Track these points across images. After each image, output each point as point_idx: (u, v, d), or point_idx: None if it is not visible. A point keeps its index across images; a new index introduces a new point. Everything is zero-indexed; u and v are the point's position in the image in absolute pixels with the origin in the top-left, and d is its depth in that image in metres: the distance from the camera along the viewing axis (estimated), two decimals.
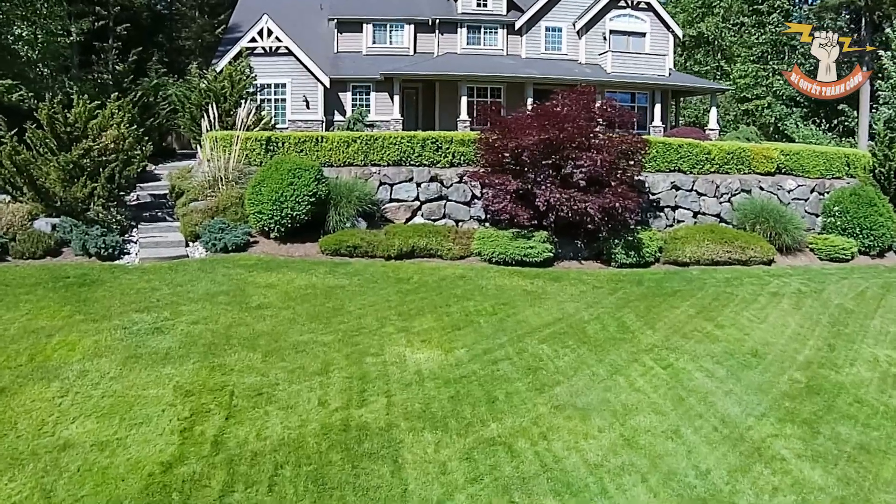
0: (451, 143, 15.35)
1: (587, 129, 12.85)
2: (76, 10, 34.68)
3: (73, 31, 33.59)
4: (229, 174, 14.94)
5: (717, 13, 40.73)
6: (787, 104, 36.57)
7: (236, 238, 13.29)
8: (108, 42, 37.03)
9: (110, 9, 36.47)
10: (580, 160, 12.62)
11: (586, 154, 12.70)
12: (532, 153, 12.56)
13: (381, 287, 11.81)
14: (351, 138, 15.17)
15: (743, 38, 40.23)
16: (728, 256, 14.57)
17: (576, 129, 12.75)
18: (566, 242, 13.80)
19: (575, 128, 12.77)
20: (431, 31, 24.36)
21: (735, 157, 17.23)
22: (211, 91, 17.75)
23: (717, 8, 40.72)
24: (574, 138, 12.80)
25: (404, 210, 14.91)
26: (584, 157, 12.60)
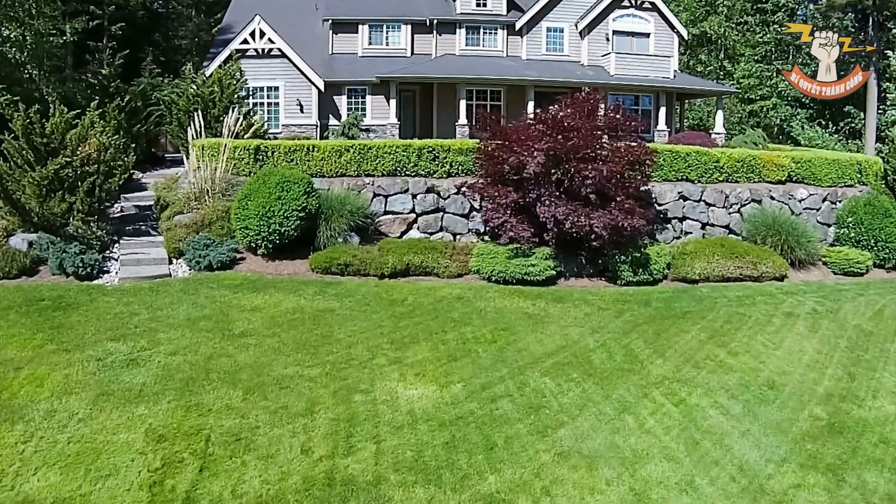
0: (449, 152, 14.66)
1: (592, 140, 12.16)
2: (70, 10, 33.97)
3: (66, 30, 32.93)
4: (216, 185, 14.26)
5: (720, 12, 39.92)
6: (791, 105, 35.83)
7: (222, 255, 12.62)
8: (103, 42, 36.38)
9: (105, 8, 35.71)
10: (585, 172, 11.94)
11: (591, 166, 12.01)
12: (536, 167, 11.88)
13: (373, 310, 11.15)
14: (343, 147, 14.48)
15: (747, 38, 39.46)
16: (739, 273, 13.91)
17: (580, 139, 12.07)
18: (569, 258, 13.14)
19: (579, 138, 12.09)
20: (429, 32, 23.60)
21: (745, 166, 16.54)
22: (199, 97, 17.04)
23: (720, 7, 39.90)
24: (578, 150, 12.12)
25: (399, 223, 14.23)
26: (588, 169, 11.92)
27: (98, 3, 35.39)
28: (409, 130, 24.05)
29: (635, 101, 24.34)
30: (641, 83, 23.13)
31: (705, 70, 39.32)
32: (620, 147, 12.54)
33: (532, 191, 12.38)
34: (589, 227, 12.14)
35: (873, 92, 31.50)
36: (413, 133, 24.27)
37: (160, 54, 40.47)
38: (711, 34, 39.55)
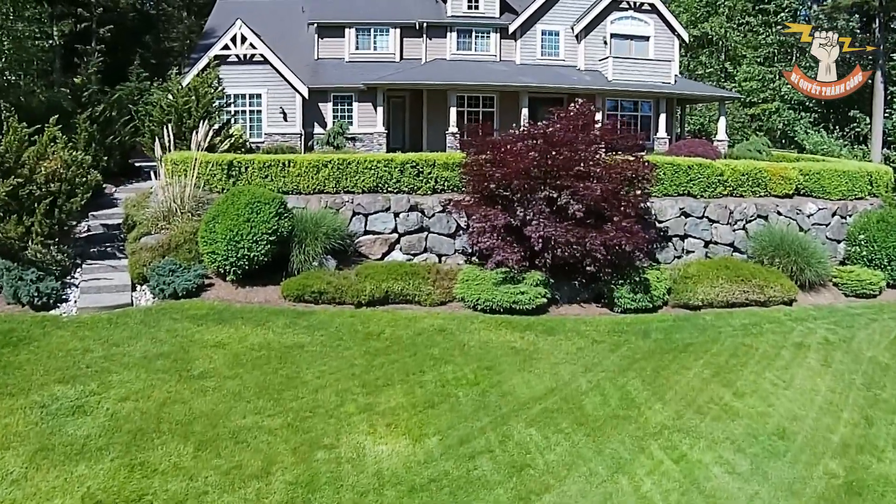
0: (434, 167, 13.73)
1: (587, 156, 11.24)
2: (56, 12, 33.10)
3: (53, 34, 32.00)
4: (185, 204, 13.34)
5: (721, 12, 38.92)
6: (795, 109, 34.85)
7: (188, 282, 11.71)
8: (91, 45, 35.51)
9: (93, 10, 34.81)
10: (578, 191, 11.01)
11: (585, 183, 11.09)
12: (524, 183, 10.97)
13: (346, 346, 10.23)
14: (321, 162, 13.56)
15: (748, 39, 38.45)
16: (745, 297, 12.99)
17: (574, 155, 11.15)
18: (562, 283, 12.22)
19: (573, 154, 11.17)
20: (419, 36, 22.66)
21: (750, 179, 15.61)
22: (172, 107, 16.12)
23: (721, 7, 38.90)
24: (571, 166, 11.20)
25: (380, 244, 13.32)
26: (582, 188, 10.99)
27: (85, 5, 34.51)
28: (398, 139, 23.14)
29: (634, 107, 23.41)
30: (641, 89, 22.20)
31: (706, 72, 38.33)
32: (617, 162, 11.61)
33: (522, 211, 11.47)
34: (583, 250, 11.23)
35: (880, 95, 30.57)
36: (402, 141, 23.37)
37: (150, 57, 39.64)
38: (712, 35, 38.58)
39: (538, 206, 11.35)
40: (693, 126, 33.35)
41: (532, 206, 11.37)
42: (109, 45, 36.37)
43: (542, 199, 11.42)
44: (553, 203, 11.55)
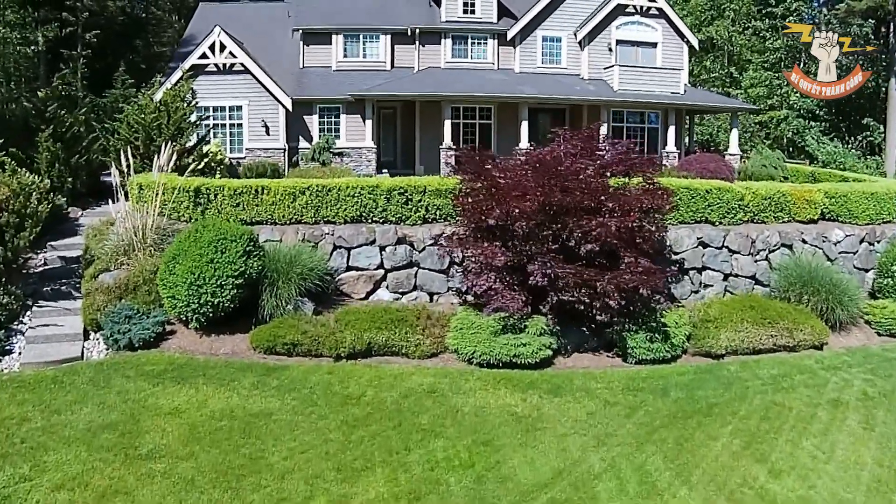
0: (424, 193, 12.34)
1: (599, 189, 9.86)
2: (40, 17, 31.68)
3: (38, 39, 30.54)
4: (146, 237, 11.94)
5: (727, 16, 37.55)
6: (804, 117, 33.50)
7: (145, 331, 10.32)
8: (77, 50, 34.08)
9: (78, 14, 33.37)
10: (590, 230, 9.64)
11: (596, 220, 9.71)
12: (527, 222, 9.60)
13: (320, 413, 8.84)
14: (298, 189, 12.17)
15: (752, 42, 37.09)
16: (772, 342, 11.63)
17: (585, 189, 9.77)
18: (569, 329, 10.84)
19: (584, 188, 9.78)
20: (411, 43, 21.24)
21: (773, 204, 14.26)
22: (140, 124, 14.70)
23: (727, 11, 37.52)
24: (582, 202, 9.82)
25: (364, 281, 11.93)
26: (593, 225, 9.61)
27: (71, 9, 33.06)
28: (389, 152, 21.76)
29: (641, 119, 22.05)
30: (649, 100, 20.83)
31: (710, 78, 37.00)
32: (631, 194, 10.23)
33: (523, 249, 10.09)
34: (593, 294, 9.85)
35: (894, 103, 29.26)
36: (393, 155, 21.98)
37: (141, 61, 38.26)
38: (717, 39, 37.22)
39: (543, 245, 9.98)
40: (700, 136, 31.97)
41: (536, 245, 10.00)
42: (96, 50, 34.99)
43: (548, 237, 10.04)
44: (559, 240, 10.17)
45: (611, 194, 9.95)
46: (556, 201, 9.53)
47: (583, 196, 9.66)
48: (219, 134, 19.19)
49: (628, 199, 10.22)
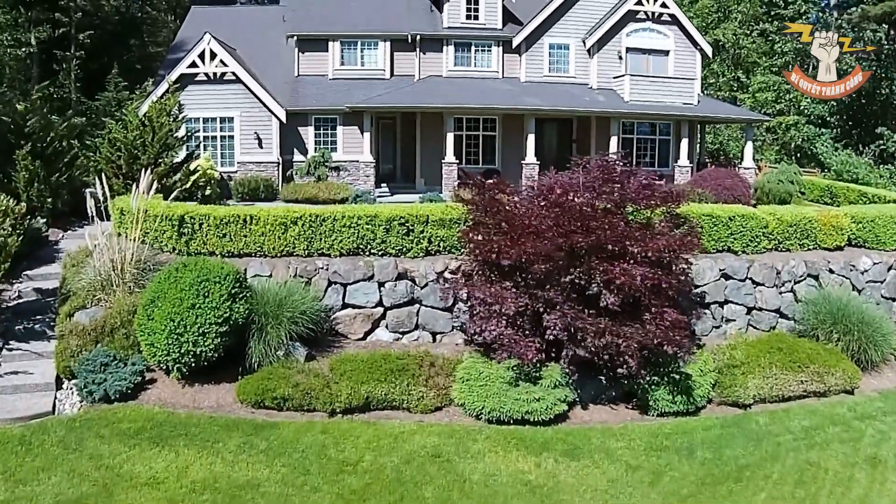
0: (427, 223, 11.41)
1: (624, 232, 8.91)
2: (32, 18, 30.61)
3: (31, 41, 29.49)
4: (125, 272, 10.97)
5: (734, 18, 36.51)
6: (815, 124, 32.55)
7: (122, 381, 9.37)
8: (70, 51, 33.00)
9: (72, 15, 32.26)
10: (612, 277, 8.72)
11: (621, 267, 8.78)
12: (544, 267, 8.68)
13: (313, 486, 7.91)
14: (290, 219, 11.21)
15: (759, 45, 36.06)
16: (802, 389, 10.76)
17: (610, 232, 8.83)
18: (586, 378, 9.92)
19: (607, 229, 8.85)
20: (411, 50, 20.20)
21: (798, 231, 13.38)
22: (123, 143, 13.71)
23: (734, 13, 36.48)
24: (605, 244, 8.90)
25: (362, 320, 11.00)
26: (617, 273, 8.69)
27: (63, 10, 31.97)
28: (388, 166, 20.78)
29: (652, 130, 21.07)
30: (661, 111, 19.85)
31: (718, 82, 36.00)
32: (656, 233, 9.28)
33: (538, 294, 9.15)
34: (615, 350, 8.95)
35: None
36: (393, 168, 21.01)
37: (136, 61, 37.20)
38: (724, 42, 36.20)
39: (560, 291, 9.06)
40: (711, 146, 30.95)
41: (552, 289, 9.07)
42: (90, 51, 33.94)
43: (567, 284, 9.12)
44: (577, 287, 9.24)
45: (636, 237, 9.01)
46: (576, 244, 8.61)
47: (606, 239, 8.74)
48: (209, 147, 18.18)
49: (655, 243, 9.24)
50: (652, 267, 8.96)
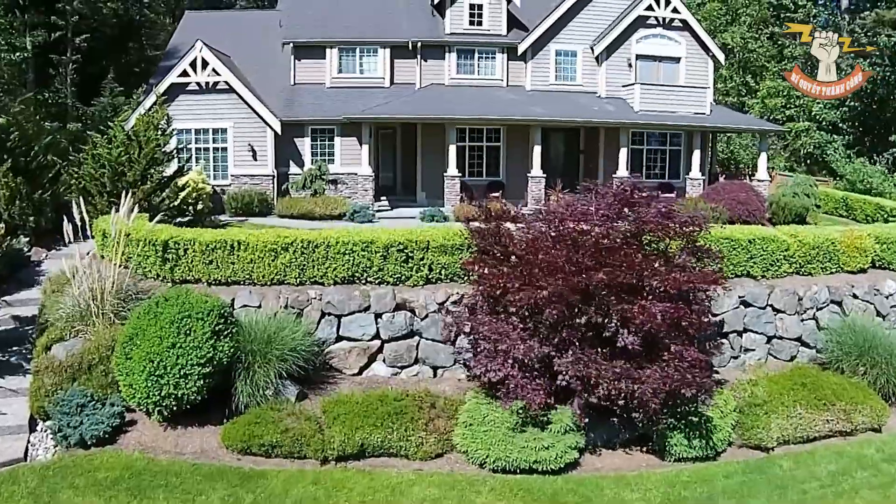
0: (427, 250, 10.69)
1: (643, 265, 8.20)
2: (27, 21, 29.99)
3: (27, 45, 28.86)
4: (105, 301, 10.29)
5: (742, 21, 35.69)
6: (826, 130, 31.72)
7: (99, 424, 8.69)
8: (67, 56, 32.37)
9: (68, 18, 31.62)
10: (630, 316, 8.02)
11: (639, 305, 8.07)
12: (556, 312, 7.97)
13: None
14: (280, 245, 10.52)
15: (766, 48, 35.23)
16: (828, 428, 10.04)
17: (628, 267, 8.11)
18: (598, 421, 9.20)
19: (626, 267, 8.13)
20: (412, 57, 19.48)
21: (821, 254, 12.66)
22: (107, 160, 13.01)
23: (743, 16, 35.66)
24: (622, 281, 8.19)
25: (358, 354, 10.31)
26: (636, 311, 7.99)
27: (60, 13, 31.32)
28: (388, 178, 20.08)
29: (662, 140, 20.33)
30: (672, 121, 19.09)
31: (726, 86, 35.20)
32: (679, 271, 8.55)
33: (549, 335, 8.45)
34: (631, 395, 8.24)
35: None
36: (393, 180, 20.31)
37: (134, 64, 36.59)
38: (732, 46, 35.41)
39: (574, 332, 8.36)
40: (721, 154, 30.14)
41: (565, 330, 8.37)
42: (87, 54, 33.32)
43: (580, 325, 8.42)
44: (594, 327, 8.54)
45: (655, 270, 8.31)
46: (593, 282, 7.90)
47: (624, 276, 8.03)
48: (201, 159, 17.50)
49: (676, 277, 8.50)
50: (672, 301, 8.25)
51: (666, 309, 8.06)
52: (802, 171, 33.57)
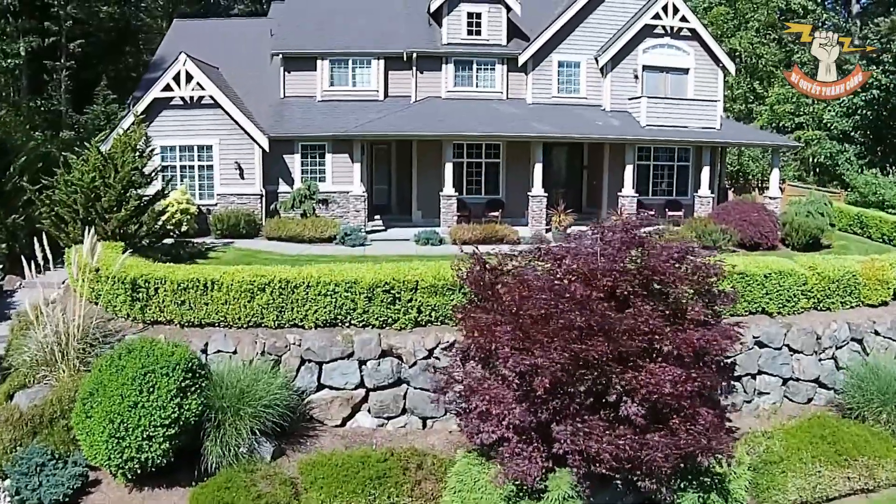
0: (416, 291, 9.88)
1: (651, 324, 7.37)
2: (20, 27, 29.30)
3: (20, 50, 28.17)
4: (70, 346, 9.54)
5: (751, 27, 34.67)
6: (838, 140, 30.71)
7: (58, 487, 8.00)
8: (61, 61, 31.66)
9: (62, 23, 30.90)
10: (636, 385, 7.21)
11: (647, 370, 7.26)
12: (550, 378, 7.15)
13: None
14: (257, 285, 9.73)
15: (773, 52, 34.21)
16: (850, 486, 9.27)
17: (636, 334, 7.27)
18: (600, 486, 8.39)
19: (634, 332, 7.28)
20: (407, 68, 18.61)
21: (840, 288, 11.83)
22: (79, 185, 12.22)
23: (751, 21, 34.65)
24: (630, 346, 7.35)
25: (340, 404, 9.52)
26: (642, 380, 7.18)
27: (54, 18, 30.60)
28: (382, 196, 19.27)
29: (670, 156, 19.43)
30: (680, 137, 18.16)
31: (733, 93, 34.21)
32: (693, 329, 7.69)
33: (547, 400, 7.63)
34: (636, 462, 7.44)
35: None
36: (388, 200, 19.49)
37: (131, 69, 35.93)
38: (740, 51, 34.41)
39: (573, 399, 7.54)
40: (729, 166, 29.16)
41: (564, 397, 7.55)
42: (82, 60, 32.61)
43: (581, 392, 7.60)
44: (594, 394, 7.72)
45: (665, 332, 7.47)
46: (595, 353, 7.06)
47: (631, 343, 7.21)
48: (186, 177, 16.73)
49: (689, 337, 7.61)
50: (683, 365, 7.42)
51: (677, 378, 7.23)
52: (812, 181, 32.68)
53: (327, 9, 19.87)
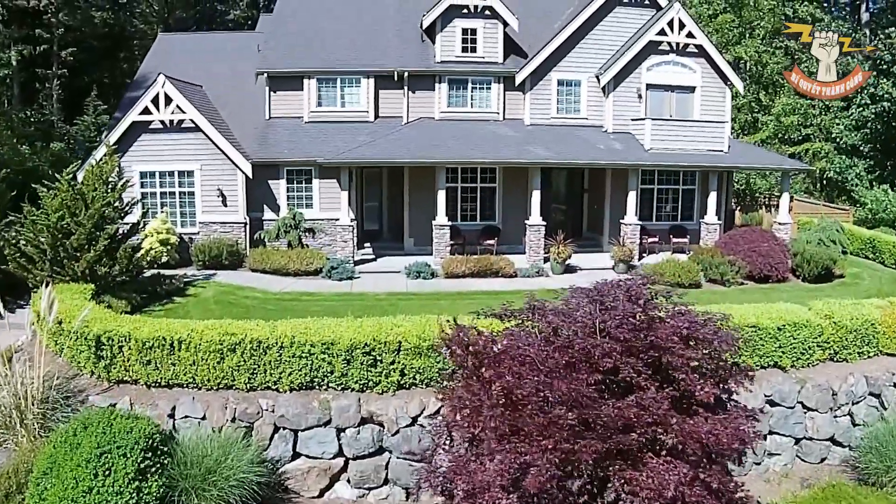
0: (398, 352, 9.09)
1: (653, 414, 6.60)
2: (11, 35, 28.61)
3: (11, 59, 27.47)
4: (29, 409, 8.80)
5: (756, 35, 33.74)
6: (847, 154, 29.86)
7: None
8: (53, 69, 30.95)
9: (53, 31, 30.20)
10: (636, 488, 6.44)
11: (650, 467, 6.47)
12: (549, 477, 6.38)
13: None
14: (227, 345, 8.96)
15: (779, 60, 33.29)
16: None
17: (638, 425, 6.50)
18: None
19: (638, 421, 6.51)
20: (399, 87, 17.79)
21: (858, 338, 11.04)
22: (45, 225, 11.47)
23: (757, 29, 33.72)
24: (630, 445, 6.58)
25: (317, 475, 8.77)
26: (643, 482, 6.40)
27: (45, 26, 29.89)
28: (374, 221, 18.54)
29: (674, 179, 18.59)
30: (687, 161, 17.25)
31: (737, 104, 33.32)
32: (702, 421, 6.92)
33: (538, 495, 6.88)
34: None
35: None
36: (379, 224, 18.74)
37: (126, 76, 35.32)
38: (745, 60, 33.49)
39: (569, 499, 6.78)
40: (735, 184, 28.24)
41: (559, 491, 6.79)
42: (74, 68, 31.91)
43: (574, 492, 6.85)
44: (588, 493, 6.95)
45: (670, 423, 6.71)
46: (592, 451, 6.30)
47: (629, 443, 6.45)
48: (167, 204, 15.96)
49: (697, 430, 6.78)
50: (690, 464, 6.65)
51: (682, 477, 6.45)
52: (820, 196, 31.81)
53: (315, 24, 19.07)
